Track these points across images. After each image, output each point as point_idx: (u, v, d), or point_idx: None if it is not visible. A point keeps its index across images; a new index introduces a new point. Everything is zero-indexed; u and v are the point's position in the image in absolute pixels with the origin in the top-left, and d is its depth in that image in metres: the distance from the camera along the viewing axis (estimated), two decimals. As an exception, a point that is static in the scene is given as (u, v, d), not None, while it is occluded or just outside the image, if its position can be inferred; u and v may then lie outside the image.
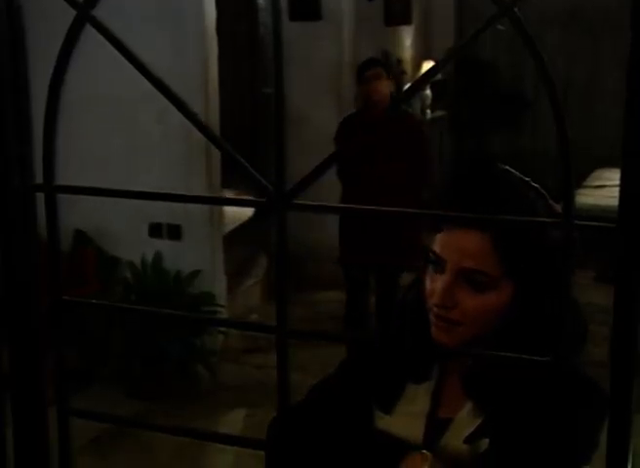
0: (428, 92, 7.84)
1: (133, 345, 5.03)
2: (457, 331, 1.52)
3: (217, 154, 5.29)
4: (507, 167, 1.62)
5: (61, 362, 0.94)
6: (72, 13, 0.81)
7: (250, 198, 0.89)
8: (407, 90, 0.81)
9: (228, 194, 5.80)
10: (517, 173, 1.60)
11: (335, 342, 0.90)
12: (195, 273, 5.21)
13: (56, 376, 0.98)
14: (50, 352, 0.98)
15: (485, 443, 1.54)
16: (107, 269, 5.38)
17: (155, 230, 5.40)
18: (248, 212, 6.87)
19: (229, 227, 6.11)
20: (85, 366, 4.91)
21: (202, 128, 0.78)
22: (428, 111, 7.96)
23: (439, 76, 8.01)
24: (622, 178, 0.68)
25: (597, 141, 7.63)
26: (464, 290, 1.51)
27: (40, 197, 0.88)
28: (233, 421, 4.98)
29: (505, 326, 1.53)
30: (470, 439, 1.56)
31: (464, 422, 1.58)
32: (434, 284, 1.54)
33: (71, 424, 1.03)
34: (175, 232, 5.31)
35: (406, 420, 1.63)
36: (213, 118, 5.24)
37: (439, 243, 1.53)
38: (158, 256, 5.31)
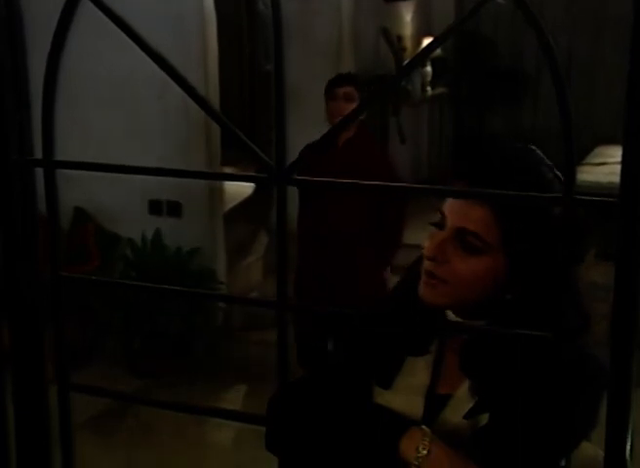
0: (429, 68, 7.81)
1: (133, 322, 5.04)
2: (442, 289, 1.54)
3: (216, 132, 5.28)
4: (534, 147, 1.62)
5: (61, 337, 0.94)
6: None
7: (250, 173, 0.89)
8: (406, 65, 0.81)
9: (228, 171, 5.79)
10: (541, 154, 1.60)
11: (334, 316, 0.90)
12: (195, 250, 5.21)
13: (56, 352, 0.98)
14: (50, 328, 0.98)
15: (484, 418, 1.55)
16: (107, 246, 5.38)
17: (155, 207, 5.40)
18: (248, 189, 6.86)
19: (229, 205, 6.11)
20: (85, 343, 4.92)
21: (202, 103, 0.78)
22: (429, 88, 7.92)
23: (439, 53, 7.98)
24: (624, 153, 0.68)
25: (598, 119, 7.61)
26: (457, 251, 1.54)
27: (39, 173, 0.88)
28: (233, 397, 5.00)
29: (499, 306, 1.54)
30: (470, 414, 1.56)
31: (464, 398, 1.58)
32: (432, 240, 1.57)
33: (71, 401, 1.03)
34: (175, 209, 5.31)
35: (405, 396, 1.64)
36: (212, 95, 5.23)
37: (447, 203, 1.58)
38: (158, 234, 5.31)
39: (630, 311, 0.73)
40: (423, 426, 1.53)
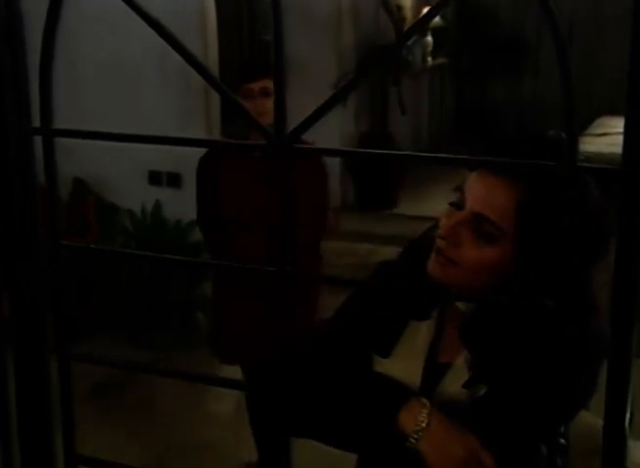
0: (429, 39, 7.77)
1: (133, 294, 5.05)
2: (451, 270, 1.54)
3: (216, 106, 5.26)
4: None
5: (60, 306, 0.93)
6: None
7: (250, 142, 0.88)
8: (406, 31, 0.80)
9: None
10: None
11: (336, 285, 0.90)
12: (195, 222, 5.21)
13: (55, 321, 0.97)
14: (50, 298, 0.98)
15: (483, 387, 1.55)
16: (107, 218, 5.38)
17: (155, 178, 5.39)
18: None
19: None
20: (86, 316, 4.93)
21: (201, 70, 0.77)
22: (429, 58, 7.89)
23: (440, 23, 7.93)
24: (627, 121, 0.67)
25: (600, 89, 7.58)
26: (472, 236, 1.53)
27: (38, 143, 0.87)
28: (233, 368, 5.02)
29: (503, 290, 1.53)
30: (469, 384, 1.57)
31: (463, 367, 1.59)
32: (448, 219, 1.56)
33: (72, 372, 1.03)
34: (175, 180, 5.30)
35: (404, 365, 1.64)
36: (212, 65, 5.20)
37: (469, 183, 1.56)
38: (158, 205, 5.31)
39: (632, 280, 0.73)
40: (422, 398, 1.53)
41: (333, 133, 5.76)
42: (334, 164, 6.31)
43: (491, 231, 1.51)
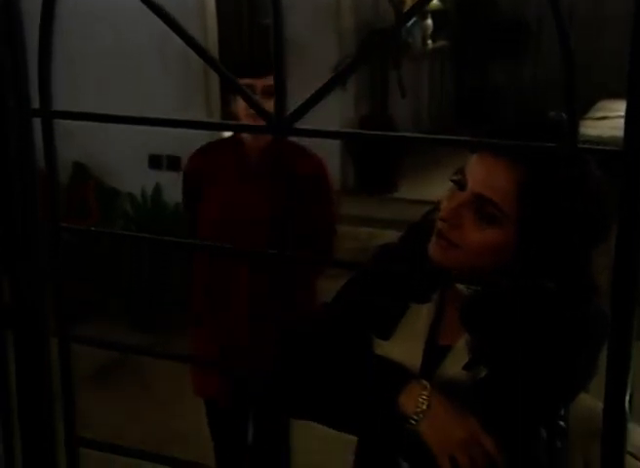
0: (429, 22, 7.74)
1: (133, 277, 5.05)
2: (452, 252, 1.54)
3: (215, 86, 5.25)
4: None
5: (61, 289, 0.93)
6: None
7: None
8: (405, 12, 0.79)
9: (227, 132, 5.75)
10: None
11: (336, 268, 0.89)
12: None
13: (55, 303, 0.97)
14: (50, 281, 0.98)
15: (483, 370, 1.55)
16: (107, 201, 5.38)
17: (155, 162, 5.39)
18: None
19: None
20: (86, 299, 4.94)
21: (201, 52, 0.77)
22: (429, 41, 7.86)
23: (440, 5, 7.90)
24: (629, 102, 0.67)
25: (600, 73, 7.55)
26: (473, 218, 1.53)
27: (38, 127, 0.87)
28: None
29: (504, 272, 1.53)
30: (469, 366, 1.57)
31: (463, 350, 1.59)
32: (449, 201, 1.55)
33: (73, 355, 1.03)
34: (175, 164, 5.29)
35: (405, 347, 1.65)
36: (212, 48, 5.19)
37: (470, 164, 1.55)
38: (158, 189, 5.30)
39: (633, 262, 0.73)
40: (423, 380, 1.53)
41: (333, 117, 5.74)
42: (334, 148, 6.29)
43: (492, 213, 1.51)
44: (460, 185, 1.55)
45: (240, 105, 2.95)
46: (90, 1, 5.11)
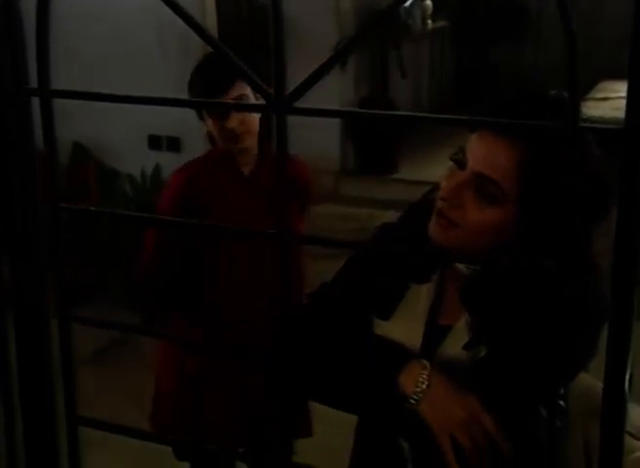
0: (428, 2, 7.70)
1: (133, 258, 5.04)
2: (452, 232, 1.54)
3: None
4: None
5: (61, 270, 0.93)
6: None
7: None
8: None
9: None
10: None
11: (336, 248, 0.89)
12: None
13: (56, 284, 0.97)
14: (50, 262, 0.98)
15: (483, 349, 1.55)
16: (107, 182, 5.37)
17: (154, 142, 5.38)
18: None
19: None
20: (86, 281, 4.93)
21: (200, 31, 0.77)
22: (429, 21, 7.83)
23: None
24: (630, 81, 0.66)
25: (601, 53, 7.53)
26: (474, 197, 1.52)
27: (36, 106, 0.87)
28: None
29: (504, 251, 1.53)
30: (469, 345, 1.57)
31: (464, 330, 1.59)
32: (450, 181, 1.55)
33: (73, 336, 1.03)
34: (174, 144, 5.29)
35: (405, 327, 1.65)
36: (211, 29, 5.17)
37: (470, 143, 1.54)
38: (157, 169, 5.30)
39: (633, 241, 0.72)
40: (423, 360, 1.53)
41: (332, 99, 5.72)
42: (334, 129, 6.27)
43: (493, 191, 1.50)
44: (461, 164, 1.54)
45: (211, 125, 2.66)
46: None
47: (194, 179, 2.78)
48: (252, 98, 2.63)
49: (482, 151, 1.51)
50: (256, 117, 2.68)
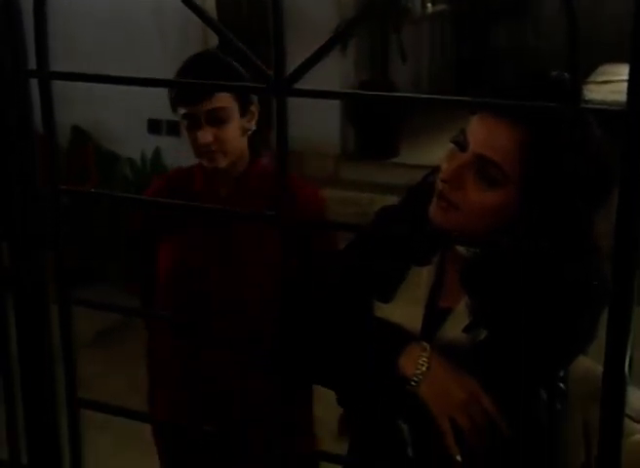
0: (429, -16, 7.68)
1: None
2: (452, 214, 1.53)
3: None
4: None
5: (60, 253, 0.93)
6: None
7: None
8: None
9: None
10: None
11: (336, 229, 0.89)
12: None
13: (55, 268, 0.97)
14: (50, 245, 0.98)
15: (483, 332, 1.55)
16: (106, 166, 5.37)
17: (154, 126, 5.37)
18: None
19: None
20: (86, 263, 4.93)
21: (199, 13, 0.76)
22: (429, 5, 7.80)
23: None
24: (632, 63, 0.66)
25: (602, 37, 7.50)
26: (475, 179, 1.52)
27: (34, 90, 0.86)
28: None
29: (504, 234, 1.53)
30: (469, 328, 1.57)
31: (464, 312, 1.59)
32: (450, 162, 1.54)
33: (73, 320, 1.03)
34: (174, 128, 5.27)
35: (405, 310, 1.65)
36: (210, 12, 5.15)
37: (471, 125, 1.54)
38: (157, 153, 5.29)
39: (634, 224, 0.72)
40: (423, 342, 1.53)
41: (332, 82, 5.71)
42: (334, 113, 6.25)
43: (494, 173, 1.50)
44: (461, 146, 1.54)
45: (190, 138, 2.38)
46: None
47: (171, 190, 2.47)
48: (235, 111, 2.36)
49: (483, 133, 1.51)
50: (234, 139, 2.37)
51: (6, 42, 0.81)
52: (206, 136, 2.32)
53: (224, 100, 2.32)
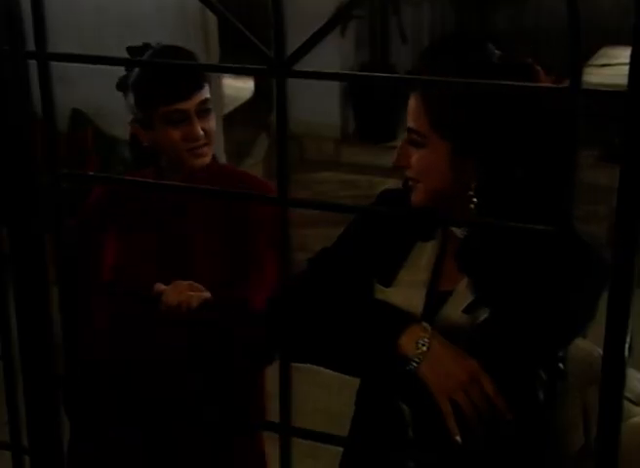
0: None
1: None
2: (418, 190, 1.61)
3: (214, 41, 5.19)
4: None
5: (60, 235, 0.93)
6: None
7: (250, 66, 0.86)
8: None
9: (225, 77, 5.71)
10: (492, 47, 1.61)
11: (337, 211, 0.89)
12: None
13: (55, 249, 0.97)
14: (50, 228, 0.98)
15: (484, 312, 1.56)
16: (106, 149, 5.36)
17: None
18: (247, 93, 6.80)
19: (229, 108, 6.05)
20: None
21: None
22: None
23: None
24: (635, 43, 0.66)
25: (603, 20, 7.48)
26: (412, 150, 1.60)
27: (33, 74, 0.86)
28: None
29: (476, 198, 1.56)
30: (470, 308, 1.57)
31: (464, 293, 1.59)
32: (396, 150, 1.66)
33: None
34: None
35: (406, 293, 1.65)
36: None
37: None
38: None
39: (635, 206, 0.72)
40: (424, 322, 1.53)
41: (332, 65, 5.68)
42: (334, 96, 6.23)
43: (416, 138, 1.58)
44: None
45: (171, 136, 2.23)
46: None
47: (116, 195, 2.37)
48: (208, 100, 2.21)
49: (409, 109, 1.59)
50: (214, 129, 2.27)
51: (4, 24, 0.81)
52: (199, 130, 2.20)
53: (208, 90, 2.21)
